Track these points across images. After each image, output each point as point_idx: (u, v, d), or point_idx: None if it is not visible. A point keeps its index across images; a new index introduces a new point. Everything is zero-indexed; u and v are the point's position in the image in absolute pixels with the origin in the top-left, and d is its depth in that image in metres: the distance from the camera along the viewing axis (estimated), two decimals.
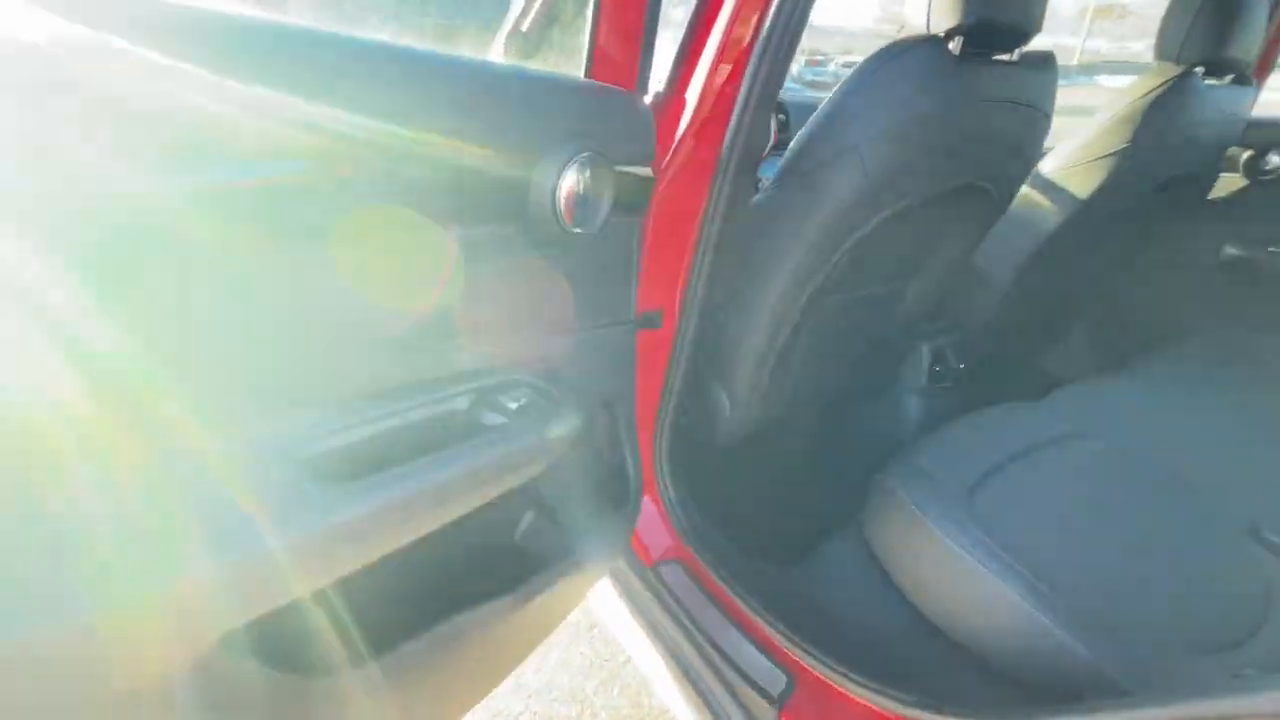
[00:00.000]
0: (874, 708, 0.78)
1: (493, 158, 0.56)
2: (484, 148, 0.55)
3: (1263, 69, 1.49)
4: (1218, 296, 1.70)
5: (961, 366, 1.61)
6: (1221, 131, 1.43)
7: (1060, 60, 1.09)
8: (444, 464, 0.52)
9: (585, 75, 0.70)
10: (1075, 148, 1.37)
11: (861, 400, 1.51)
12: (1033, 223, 1.44)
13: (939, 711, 0.71)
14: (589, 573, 0.80)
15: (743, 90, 0.82)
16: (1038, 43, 1.00)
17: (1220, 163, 1.56)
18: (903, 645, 0.89)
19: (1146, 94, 1.29)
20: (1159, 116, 1.29)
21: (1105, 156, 1.33)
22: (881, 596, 0.96)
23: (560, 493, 0.76)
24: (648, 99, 0.76)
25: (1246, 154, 1.60)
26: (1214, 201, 1.67)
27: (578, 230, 0.61)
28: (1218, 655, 0.73)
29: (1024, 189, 1.44)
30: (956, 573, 0.83)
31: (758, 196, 1.05)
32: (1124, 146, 1.31)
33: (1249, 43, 1.29)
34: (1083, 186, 1.37)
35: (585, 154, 0.59)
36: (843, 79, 0.96)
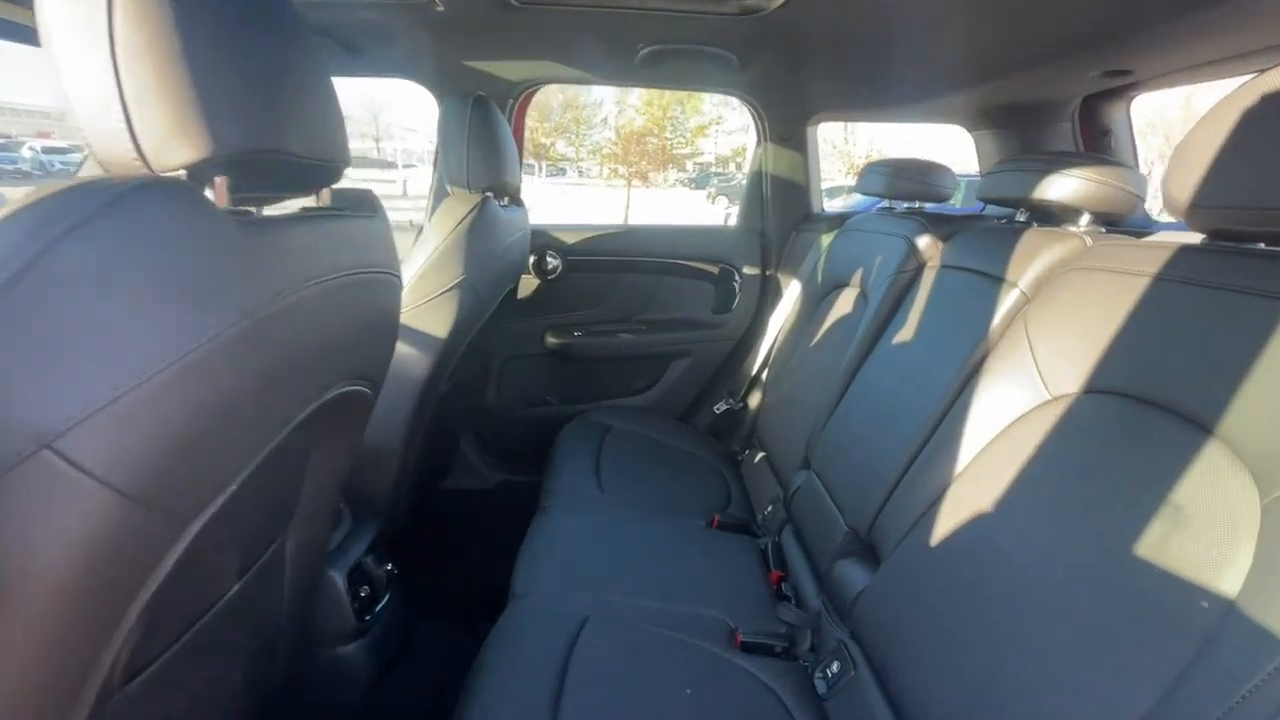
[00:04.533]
0: None
1: None
2: None
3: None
4: (561, 377, 1.90)
5: (390, 567, 1.23)
6: (523, 243, 1.52)
7: None
8: None
9: None
10: (410, 287, 1.17)
11: None
12: (404, 378, 1.17)
13: None
14: None
15: None
16: None
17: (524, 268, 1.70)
18: None
19: (459, 223, 1.19)
20: (477, 242, 1.22)
21: (446, 291, 1.18)
22: None
23: None
24: None
25: (533, 258, 1.79)
26: (524, 300, 1.83)
27: None
28: None
29: None
30: None
31: None
32: (460, 279, 1.19)
33: (513, 171, 1.37)
34: (436, 324, 1.18)
35: None
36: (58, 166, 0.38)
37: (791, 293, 1.72)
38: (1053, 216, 1.01)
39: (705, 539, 1.25)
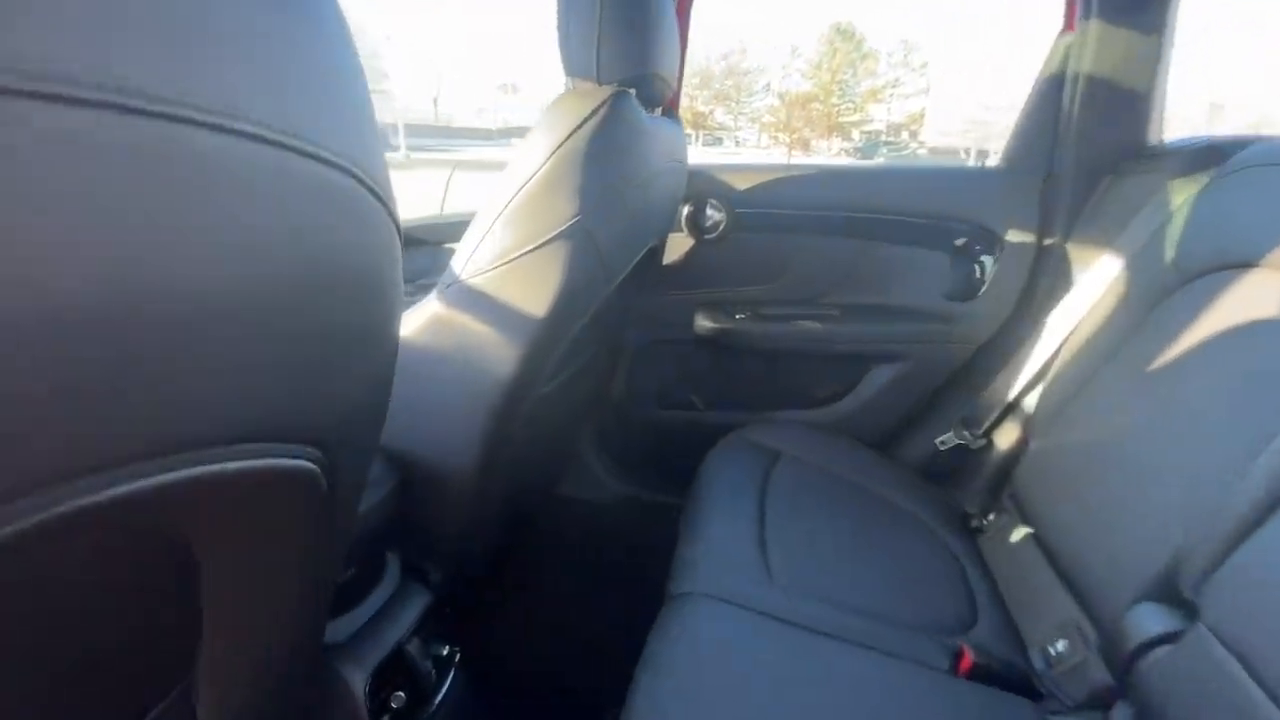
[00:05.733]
0: None
1: None
2: None
3: (675, 100, 1.18)
4: (713, 374, 1.42)
5: (447, 651, 0.84)
6: (676, 181, 1.04)
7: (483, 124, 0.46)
8: None
9: None
10: (502, 230, 0.73)
11: None
12: (479, 371, 0.76)
13: None
14: None
15: None
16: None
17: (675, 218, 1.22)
18: None
19: (576, 129, 0.73)
20: (602, 162, 0.75)
21: (549, 242, 0.73)
22: None
23: None
24: None
25: (687, 209, 1.30)
26: (671, 266, 1.36)
27: None
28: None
29: (451, 314, 0.75)
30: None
31: None
32: (573, 220, 0.73)
33: (669, 64, 0.88)
34: (531, 293, 0.74)
35: None
36: None
37: (1101, 274, 1.06)
38: None
39: (950, 703, 0.71)
